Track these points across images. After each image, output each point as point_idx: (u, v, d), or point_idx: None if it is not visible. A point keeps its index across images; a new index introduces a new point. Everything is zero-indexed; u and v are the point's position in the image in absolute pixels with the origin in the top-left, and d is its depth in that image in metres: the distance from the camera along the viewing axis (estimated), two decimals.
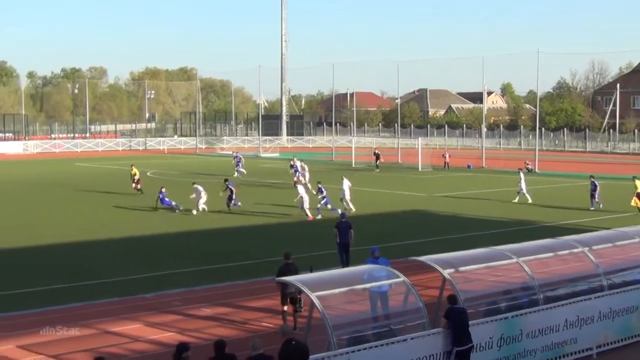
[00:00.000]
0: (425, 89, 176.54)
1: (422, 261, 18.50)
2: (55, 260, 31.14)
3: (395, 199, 51.32)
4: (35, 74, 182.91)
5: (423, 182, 63.44)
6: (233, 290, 26.04)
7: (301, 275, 19.09)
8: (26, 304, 23.91)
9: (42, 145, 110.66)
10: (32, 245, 34.09)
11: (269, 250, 31.76)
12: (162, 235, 36.91)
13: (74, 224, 39.83)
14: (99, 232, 37.51)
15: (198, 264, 30.08)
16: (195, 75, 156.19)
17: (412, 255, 22.72)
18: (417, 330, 16.46)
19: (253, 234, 37.37)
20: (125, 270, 28.83)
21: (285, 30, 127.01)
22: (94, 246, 34.38)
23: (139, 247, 34.17)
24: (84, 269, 29.37)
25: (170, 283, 26.85)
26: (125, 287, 26.20)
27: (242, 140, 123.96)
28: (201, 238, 36.40)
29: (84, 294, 25.25)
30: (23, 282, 26.94)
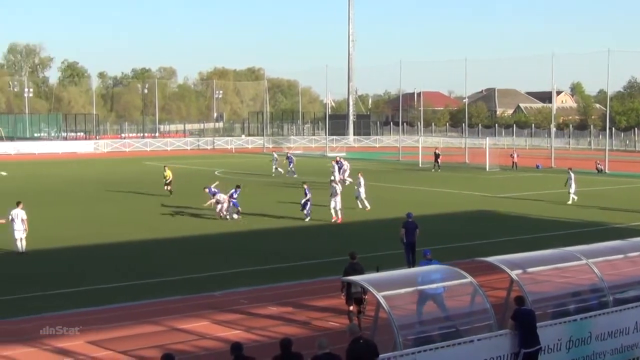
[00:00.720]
0: (494, 88, 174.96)
1: (489, 262, 18.35)
2: (124, 258, 31.58)
3: (462, 199, 50.97)
4: (106, 75, 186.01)
5: (490, 182, 62.90)
6: (299, 289, 26.12)
7: (367, 275, 19.09)
8: (96, 301, 24.29)
9: (113, 144, 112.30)
10: (101, 243, 34.62)
11: (333, 249, 31.78)
12: (224, 235, 37.14)
13: (143, 222, 40.35)
14: (166, 231, 37.92)
15: (263, 263, 30.23)
16: (262, 75, 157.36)
17: (478, 256, 22.56)
18: (484, 332, 16.34)
19: (316, 233, 37.42)
20: (193, 268, 29.12)
21: (353, 29, 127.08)
22: (162, 244, 34.78)
23: (204, 245, 34.47)
24: (152, 266, 29.75)
25: (237, 281, 27.03)
26: (193, 285, 26.46)
27: (308, 140, 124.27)
28: (262, 238, 36.54)
29: (153, 292, 25.58)
30: (93, 279, 27.36)
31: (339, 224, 39.84)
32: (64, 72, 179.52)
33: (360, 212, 43.94)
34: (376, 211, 44.48)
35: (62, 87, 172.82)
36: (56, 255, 32.21)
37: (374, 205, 45.28)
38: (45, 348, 19.48)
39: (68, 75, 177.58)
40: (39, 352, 19.24)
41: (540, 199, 51.65)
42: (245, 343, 16.83)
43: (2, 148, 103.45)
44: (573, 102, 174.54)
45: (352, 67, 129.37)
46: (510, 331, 16.43)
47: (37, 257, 31.49)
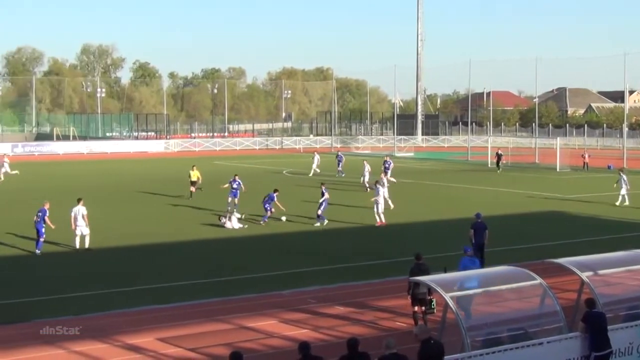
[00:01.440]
0: (565, 87, 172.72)
1: (560, 263, 18.14)
2: (195, 256, 31.92)
3: (531, 200, 50.39)
4: (176, 75, 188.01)
5: (561, 183, 62.09)
6: (366, 289, 26.11)
7: (435, 276, 19.01)
8: (165, 299, 24.58)
9: (183, 144, 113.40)
10: (173, 241, 35.03)
11: (401, 249, 31.69)
12: (289, 234, 37.27)
13: (212, 221, 40.66)
14: (235, 230, 38.14)
15: (330, 262, 30.29)
16: (331, 75, 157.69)
17: (548, 257, 22.36)
18: (553, 334, 16.16)
19: (382, 234, 37.34)
20: (261, 268, 29.30)
21: (421, 29, 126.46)
22: (231, 243, 35.04)
23: (272, 245, 34.64)
24: (221, 265, 30.00)
25: (305, 281, 27.12)
26: (262, 284, 26.62)
27: (376, 140, 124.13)
28: (328, 238, 36.58)
29: (223, 289, 25.81)
30: (165, 276, 27.71)
31: (384, 226, 38.91)
32: (136, 73, 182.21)
33: (426, 212, 43.72)
34: (443, 211, 44.26)
35: (134, 87, 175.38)
36: (127, 252, 32.66)
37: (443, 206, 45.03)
38: (117, 344, 19.77)
39: (139, 75, 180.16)
40: (110, 348, 19.54)
41: (611, 200, 50.80)
42: (312, 342, 16.88)
43: (74, 147, 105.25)
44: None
45: (420, 67, 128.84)
46: (581, 334, 16.21)
47: (108, 255, 32.01)
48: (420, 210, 44.79)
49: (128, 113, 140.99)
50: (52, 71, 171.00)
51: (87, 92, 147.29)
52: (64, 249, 32.69)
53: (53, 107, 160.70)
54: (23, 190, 55.34)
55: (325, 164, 71.30)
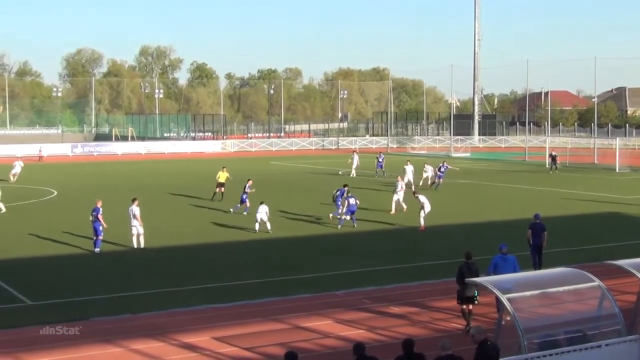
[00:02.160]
0: (624, 87, 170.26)
1: (619, 265, 17.92)
2: (251, 255, 32.10)
3: (590, 201, 49.77)
4: (233, 75, 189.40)
5: (620, 184, 61.23)
6: (421, 289, 26.03)
7: (492, 277, 18.92)
8: (221, 298, 24.73)
9: (239, 144, 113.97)
10: (228, 241, 35.27)
11: (456, 250, 31.45)
12: (339, 234, 37.23)
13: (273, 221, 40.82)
14: (292, 229, 38.34)
15: (385, 262, 30.23)
16: (387, 75, 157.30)
17: (607, 258, 22.09)
18: (612, 337, 15.96)
19: (437, 233, 37.17)
20: (316, 267, 29.38)
21: (479, 28, 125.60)
22: (286, 242, 35.18)
23: (327, 245, 34.68)
24: (275, 264, 30.13)
25: (360, 281, 27.11)
26: (317, 284, 26.69)
27: (433, 140, 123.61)
28: (382, 237, 36.54)
29: (278, 289, 25.91)
30: (220, 276, 27.91)
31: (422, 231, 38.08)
32: (193, 74, 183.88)
33: (482, 213, 43.47)
34: (500, 212, 43.96)
35: (191, 88, 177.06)
36: (183, 251, 32.91)
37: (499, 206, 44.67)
38: (174, 343, 19.96)
39: (197, 76, 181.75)
40: (167, 347, 19.73)
41: None
42: (367, 343, 16.87)
43: (133, 147, 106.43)
44: None
45: (477, 67, 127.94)
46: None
47: (164, 254, 32.33)
48: (476, 211, 44.48)
49: (185, 114, 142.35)
50: (111, 72, 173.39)
51: (145, 93, 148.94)
52: (123, 247, 33.10)
53: (112, 108, 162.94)
54: (81, 190, 56.03)
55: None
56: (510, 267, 21.41)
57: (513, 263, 21.64)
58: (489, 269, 21.77)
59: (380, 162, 68.01)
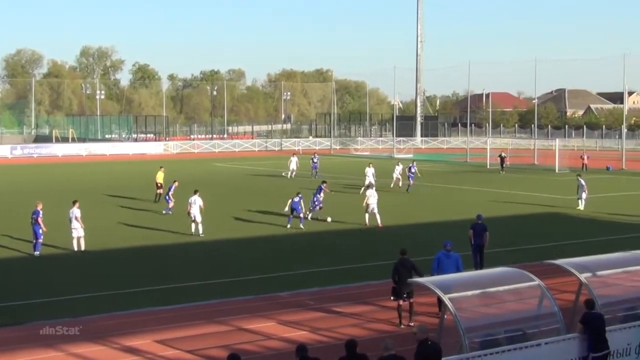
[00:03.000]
0: (564, 89, 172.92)
1: (558, 265, 18.16)
2: (195, 257, 31.91)
3: (530, 201, 50.37)
4: (175, 77, 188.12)
5: (560, 184, 62.05)
6: (365, 290, 26.12)
7: (434, 277, 19.08)
8: (166, 301, 24.57)
9: (182, 145, 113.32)
10: (171, 243, 35.02)
11: None
12: (284, 236, 37.24)
13: (214, 222, 40.66)
14: (239, 230, 38.22)
15: (330, 264, 30.27)
16: (330, 77, 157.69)
17: (547, 258, 22.36)
18: (551, 335, 16.16)
19: (383, 235, 37.33)
20: (262, 269, 29.30)
21: (421, 30, 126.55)
22: (233, 244, 35.06)
23: (276, 245, 34.65)
24: (219, 266, 30.01)
25: (304, 282, 27.13)
26: (262, 285, 26.63)
27: (376, 141, 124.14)
28: (325, 238, 36.62)
29: (222, 291, 25.80)
30: (163, 278, 27.69)
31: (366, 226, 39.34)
32: (135, 75, 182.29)
33: (426, 214, 43.81)
34: (443, 213, 44.31)
35: (133, 90, 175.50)
36: (125, 254, 32.65)
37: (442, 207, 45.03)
38: (115, 346, 19.78)
39: (139, 77, 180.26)
40: (108, 350, 19.54)
41: (610, 201, 50.87)
42: (310, 344, 16.91)
43: (74, 149, 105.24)
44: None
45: (420, 68, 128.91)
46: (579, 335, 16.21)
47: (106, 257, 32.00)
48: (420, 212, 44.78)
49: (127, 115, 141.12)
50: (51, 73, 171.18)
51: (87, 94, 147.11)
52: (63, 250, 32.68)
53: (52, 109, 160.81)
54: (20, 192, 55.25)
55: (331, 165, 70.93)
56: (453, 263, 21.76)
57: (456, 260, 21.98)
58: (433, 264, 22.14)
59: (315, 162, 68.02)
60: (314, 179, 60.87)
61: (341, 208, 44.72)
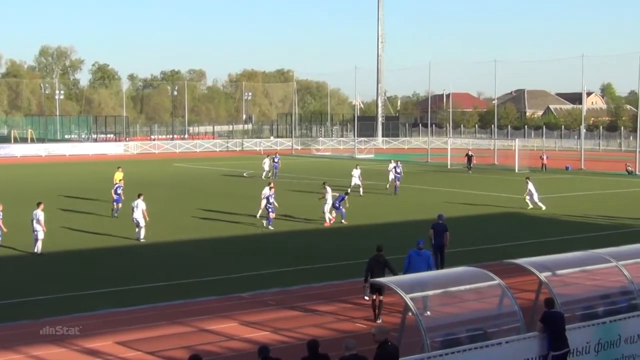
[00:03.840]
0: (523, 89, 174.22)
1: (518, 264, 18.28)
2: (155, 258, 31.74)
3: (490, 201, 50.75)
4: (136, 77, 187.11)
5: (520, 184, 62.36)
6: (328, 290, 26.13)
7: (396, 277, 19.14)
8: (125, 302, 24.41)
9: (142, 146, 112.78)
10: (132, 244, 34.81)
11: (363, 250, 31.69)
12: (263, 235, 37.24)
13: (175, 223, 40.51)
14: (200, 231, 38.10)
15: (293, 264, 30.27)
16: (291, 77, 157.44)
17: (507, 257, 22.52)
18: (512, 334, 16.27)
19: (348, 235, 37.40)
20: (224, 269, 29.22)
21: (382, 31, 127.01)
22: (194, 245, 34.93)
23: (238, 246, 34.56)
24: (181, 267, 29.86)
25: (266, 282, 27.10)
26: (223, 286, 26.55)
27: (337, 142, 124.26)
28: (301, 238, 36.63)
29: (181, 293, 25.66)
30: (124, 279, 27.51)
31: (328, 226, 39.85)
32: (95, 75, 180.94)
33: (387, 214, 43.93)
34: (404, 213, 44.46)
35: (93, 90, 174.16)
36: (84, 255, 32.37)
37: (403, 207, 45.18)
38: (75, 348, 19.61)
39: (99, 77, 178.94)
40: (68, 352, 19.37)
41: (569, 200, 51.36)
42: (272, 344, 16.90)
43: (33, 150, 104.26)
44: (603, 103, 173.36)
45: (381, 69, 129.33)
46: (539, 334, 16.33)
47: (64, 258, 31.72)
48: (381, 212, 44.88)
49: (87, 115, 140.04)
50: (9, 73, 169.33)
51: (46, 94, 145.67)
52: (21, 253, 32.33)
53: (10, 109, 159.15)
54: None
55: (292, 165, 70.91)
56: (424, 261, 21.98)
57: (427, 258, 22.24)
58: (405, 261, 22.44)
59: (276, 162, 67.97)
60: (273, 179, 60.78)
61: (302, 208, 44.72)
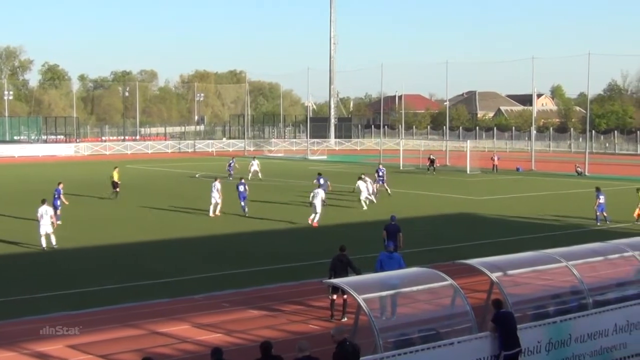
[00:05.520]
0: (474, 91, 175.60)
1: (470, 264, 18.43)
2: (110, 260, 31.48)
3: (443, 202, 51.12)
4: (86, 77, 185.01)
5: (471, 185, 63.11)
6: (280, 291, 26.13)
7: (349, 278, 19.20)
8: (76, 305, 24.18)
9: (93, 147, 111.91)
10: (87, 246, 34.50)
11: (317, 251, 31.80)
12: (218, 236, 37.16)
13: (127, 223, 40.22)
14: (151, 233, 37.87)
15: (247, 265, 30.21)
16: (244, 78, 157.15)
17: (459, 258, 22.68)
18: (464, 334, 16.39)
19: (304, 236, 37.43)
20: (178, 271, 29.06)
21: (334, 32, 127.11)
22: (148, 246, 34.71)
23: (193, 247, 34.41)
24: (133, 269, 29.67)
25: (220, 284, 27.02)
26: (175, 288, 26.42)
27: (290, 143, 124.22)
28: (258, 239, 36.57)
29: (134, 295, 25.49)
30: (77, 282, 27.27)
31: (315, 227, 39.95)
32: (45, 75, 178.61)
33: (341, 215, 44.04)
34: (360, 214, 44.59)
35: (43, 90, 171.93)
36: (37, 258, 32.01)
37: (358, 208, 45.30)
38: (25, 352, 19.40)
39: (48, 78, 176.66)
40: (18, 357, 19.15)
41: (520, 201, 51.87)
42: (225, 347, 16.85)
43: None
44: (553, 105, 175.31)
45: (333, 70, 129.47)
46: (491, 333, 16.48)
47: (7, 263, 31.34)
48: (336, 213, 44.94)
49: (36, 116, 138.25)
50: None
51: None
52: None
53: None
54: None
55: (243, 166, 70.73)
56: (395, 264, 21.96)
57: (398, 261, 22.21)
58: (376, 265, 22.35)
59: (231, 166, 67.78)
60: (229, 180, 60.67)
61: (255, 209, 44.68)
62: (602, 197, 41.08)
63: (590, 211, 41.81)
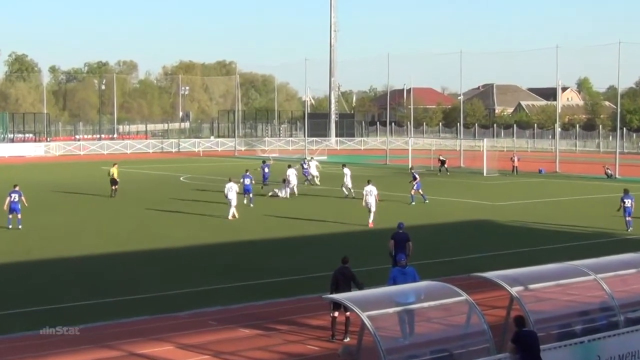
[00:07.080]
0: (492, 84, 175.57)
1: (487, 278, 18.39)
2: (82, 273, 31.42)
3: (457, 208, 51.08)
4: (58, 69, 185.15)
5: (488, 189, 63.05)
6: (276, 308, 26.05)
7: (352, 293, 19.16)
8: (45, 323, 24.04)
9: (66, 147, 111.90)
10: (57, 257, 34.44)
11: (315, 265, 31.74)
12: (204, 246, 37.13)
13: (104, 234, 40.16)
14: (132, 243, 37.85)
15: (237, 279, 30.16)
16: (234, 70, 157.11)
17: (475, 271, 22.62)
18: (480, 356, 16.35)
19: (301, 246, 37.39)
20: (160, 285, 29.00)
21: (335, 19, 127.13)
22: (126, 258, 34.66)
23: (177, 258, 34.38)
24: (113, 283, 29.61)
25: (207, 300, 26.95)
26: (158, 304, 26.36)
27: (285, 142, 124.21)
28: (249, 249, 36.56)
29: (111, 311, 25.43)
30: (43, 298, 27.20)
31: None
32: (12, 66, 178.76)
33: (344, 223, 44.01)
34: (363, 221, 44.54)
35: (9, 83, 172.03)
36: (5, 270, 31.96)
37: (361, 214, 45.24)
38: None
39: (16, 69, 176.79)
40: None
41: (542, 207, 51.81)
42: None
43: None
44: (580, 99, 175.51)
45: (334, 61, 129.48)
46: (511, 355, 16.42)
47: None
48: (338, 221, 44.87)
49: (2, 112, 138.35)
50: None
51: None
52: None
53: None
54: None
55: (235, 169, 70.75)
56: (410, 280, 21.65)
57: (413, 275, 21.94)
58: (389, 283, 22.00)
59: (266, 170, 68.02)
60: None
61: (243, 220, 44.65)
62: (629, 200, 41.00)
63: (621, 218, 41.71)
